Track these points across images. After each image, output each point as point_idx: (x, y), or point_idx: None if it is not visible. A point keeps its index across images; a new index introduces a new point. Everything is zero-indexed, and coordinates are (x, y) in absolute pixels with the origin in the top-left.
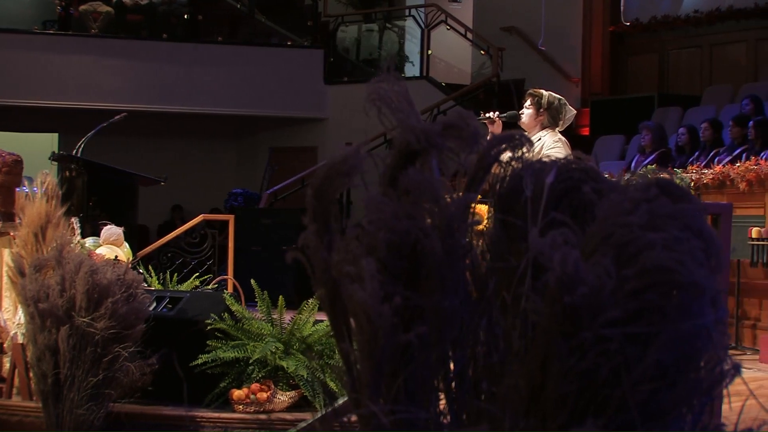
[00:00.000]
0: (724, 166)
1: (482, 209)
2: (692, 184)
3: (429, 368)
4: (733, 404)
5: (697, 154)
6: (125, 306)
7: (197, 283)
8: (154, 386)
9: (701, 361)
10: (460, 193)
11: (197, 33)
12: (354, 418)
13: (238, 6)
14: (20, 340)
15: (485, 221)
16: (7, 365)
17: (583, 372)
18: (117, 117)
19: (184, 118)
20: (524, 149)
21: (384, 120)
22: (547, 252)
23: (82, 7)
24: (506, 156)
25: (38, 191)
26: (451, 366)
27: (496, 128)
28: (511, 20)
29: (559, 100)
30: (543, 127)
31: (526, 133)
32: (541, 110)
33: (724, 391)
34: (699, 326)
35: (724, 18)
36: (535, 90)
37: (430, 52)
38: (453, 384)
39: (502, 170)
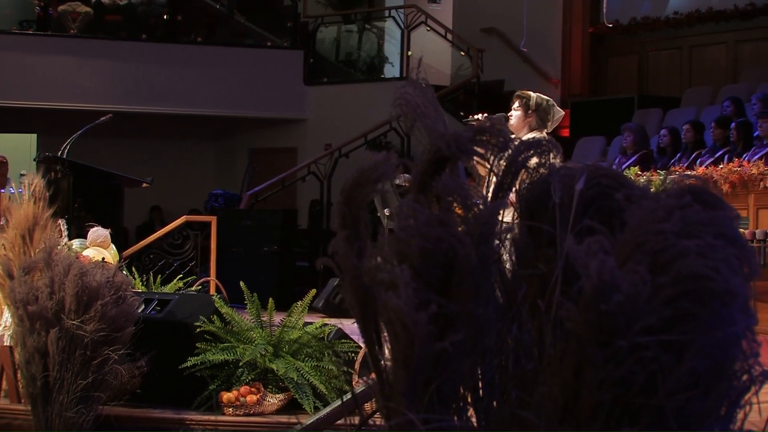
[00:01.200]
0: (707, 167)
1: None
2: None
3: (462, 376)
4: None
5: (678, 155)
6: (115, 308)
7: (180, 284)
8: (142, 389)
9: (733, 369)
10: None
11: (176, 33)
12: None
13: (218, 6)
14: (6, 342)
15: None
16: None
17: (618, 380)
18: (103, 118)
19: (163, 118)
20: (551, 155)
21: (413, 126)
22: (583, 259)
23: (61, 8)
24: (533, 161)
25: (17, 192)
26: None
27: None
28: (490, 21)
29: (547, 101)
30: (531, 129)
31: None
32: (530, 112)
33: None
34: (731, 334)
35: (703, 19)
36: (523, 92)
37: (410, 53)
38: (482, 391)
39: (528, 176)
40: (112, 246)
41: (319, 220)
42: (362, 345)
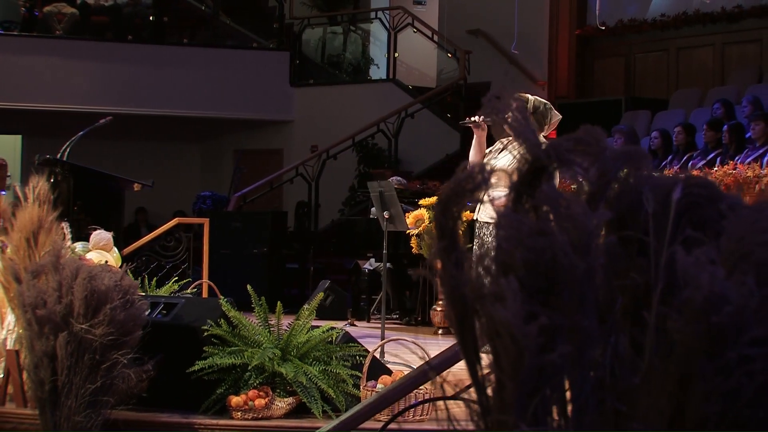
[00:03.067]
0: (700, 170)
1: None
2: None
3: (565, 388)
4: None
5: (670, 158)
6: (123, 312)
7: (176, 287)
8: (149, 393)
9: None
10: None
11: (162, 35)
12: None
13: (203, 8)
14: (9, 345)
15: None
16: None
17: (726, 392)
18: (103, 120)
19: (149, 120)
20: (643, 164)
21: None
22: (692, 270)
23: (47, 8)
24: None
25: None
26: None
27: (481, 132)
28: (476, 23)
29: (545, 104)
30: None
31: (510, 139)
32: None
33: None
34: None
35: (690, 22)
36: (521, 94)
37: (397, 54)
38: (579, 404)
39: (619, 185)
40: (115, 249)
41: (307, 222)
42: (369, 349)
